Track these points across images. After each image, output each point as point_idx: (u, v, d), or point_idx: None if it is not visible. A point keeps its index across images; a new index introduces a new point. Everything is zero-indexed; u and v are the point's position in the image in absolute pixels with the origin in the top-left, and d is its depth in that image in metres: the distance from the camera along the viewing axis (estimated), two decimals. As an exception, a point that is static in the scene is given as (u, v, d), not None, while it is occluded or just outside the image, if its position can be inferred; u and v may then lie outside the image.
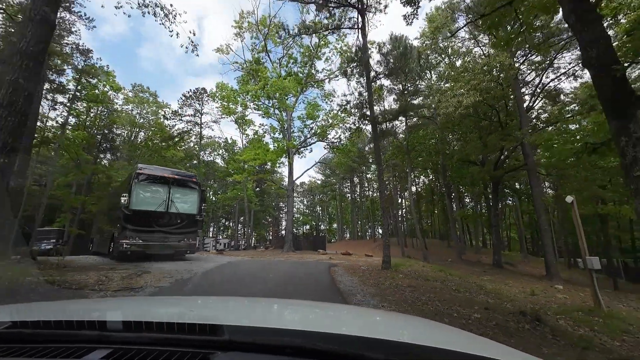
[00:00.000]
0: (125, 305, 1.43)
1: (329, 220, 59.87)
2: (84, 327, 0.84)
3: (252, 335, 0.83)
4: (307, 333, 0.91)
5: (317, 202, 56.65)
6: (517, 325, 4.06)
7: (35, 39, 3.97)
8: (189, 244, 9.84)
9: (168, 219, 9.27)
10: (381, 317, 1.71)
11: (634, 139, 3.54)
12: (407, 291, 5.92)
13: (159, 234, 9.06)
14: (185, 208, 9.82)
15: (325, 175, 47.32)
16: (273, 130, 23.18)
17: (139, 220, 8.70)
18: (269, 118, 22.02)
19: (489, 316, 4.43)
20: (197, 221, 10.24)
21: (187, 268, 7.51)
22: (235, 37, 21.03)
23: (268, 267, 9.34)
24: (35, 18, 3.97)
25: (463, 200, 40.37)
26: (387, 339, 0.86)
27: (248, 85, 21.80)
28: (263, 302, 1.87)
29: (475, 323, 4.05)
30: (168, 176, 9.69)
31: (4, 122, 3.59)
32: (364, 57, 10.48)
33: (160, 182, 9.47)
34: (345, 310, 1.84)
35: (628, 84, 3.76)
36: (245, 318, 1.23)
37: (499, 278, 14.08)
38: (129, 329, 0.83)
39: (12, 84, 3.73)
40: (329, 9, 11.21)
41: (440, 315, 4.29)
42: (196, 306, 1.44)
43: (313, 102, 21.39)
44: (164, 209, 9.27)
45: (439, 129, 18.81)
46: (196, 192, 10.28)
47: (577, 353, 3.26)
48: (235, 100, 22.59)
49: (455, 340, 1.12)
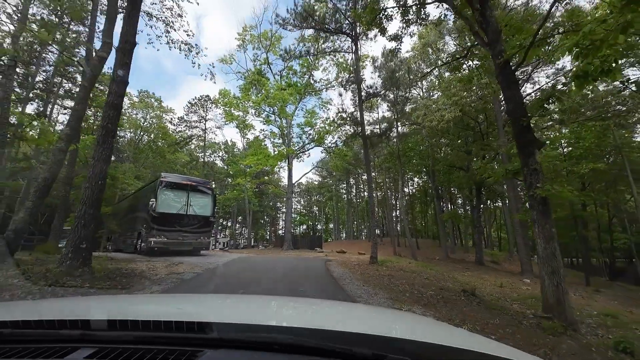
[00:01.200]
0: (110, 304, 1.40)
1: (325, 221, 61.66)
2: (66, 326, 0.82)
3: (241, 332, 0.83)
4: (296, 329, 0.94)
5: (314, 202, 58.41)
6: (456, 297, 5.82)
7: (116, 94, 5.61)
8: (204, 241, 11.52)
9: (187, 220, 10.93)
10: (370, 313, 1.71)
11: (531, 169, 5.30)
12: (385, 278, 7.66)
13: (180, 233, 10.71)
14: (201, 210, 11.47)
15: (322, 177, 49.05)
16: (273, 136, 24.87)
17: (164, 221, 10.33)
18: (270, 125, 23.66)
19: (440, 293, 6.18)
20: (211, 222, 11.93)
21: (208, 261, 9.20)
22: (239, 48, 22.67)
23: (273, 261, 11.05)
24: (117, 79, 5.59)
25: (456, 202, 42.37)
26: (375, 334, 0.91)
27: (249, 92, 23.44)
28: (252, 299, 1.90)
29: (428, 297, 5.80)
30: (187, 183, 11.35)
31: (102, 153, 5.27)
32: (357, 78, 12.19)
33: (181, 189, 11.12)
34: (334, 306, 1.84)
35: (531, 131, 5.53)
36: (234, 315, 1.23)
37: (477, 274, 15.92)
38: (114, 328, 0.82)
39: (105, 128, 5.38)
40: (326, 36, 12.92)
41: (404, 292, 6.04)
42: (184, 304, 1.43)
43: (311, 110, 23.08)
44: (184, 212, 10.93)
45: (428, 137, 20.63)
46: (210, 196, 11.94)
47: (488, 311, 5.02)
48: (237, 106, 24.22)
49: (440, 335, 1.17)
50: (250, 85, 23.61)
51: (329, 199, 52.31)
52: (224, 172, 40.35)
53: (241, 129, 28.51)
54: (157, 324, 0.83)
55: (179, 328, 0.82)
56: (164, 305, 1.37)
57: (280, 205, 53.49)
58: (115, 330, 0.82)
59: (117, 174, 24.81)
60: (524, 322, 4.45)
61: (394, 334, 0.96)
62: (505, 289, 10.94)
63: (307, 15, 10.94)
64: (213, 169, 38.74)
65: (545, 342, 3.76)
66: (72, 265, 4.75)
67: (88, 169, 5.38)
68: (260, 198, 45.34)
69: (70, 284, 4.23)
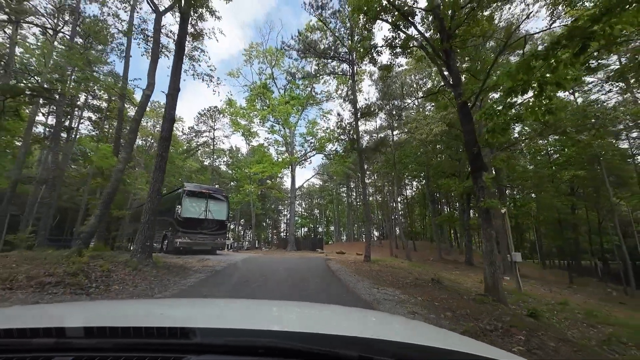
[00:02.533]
0: (87, 310, 1.37)
1: (326, 223, 63.55)
2: (39, 334, 0.79)
3: (224, 337, 0.83)
4: (281, 333, 0.95)
5: (315, 205, 60.33)
6: (425, 284, 7.67)
7: (167, 129, 7.51)
8: (221, 242, 13.42)
9: (206, 224, 12.82)
10: (357, 315, 1.72)
11: (479, 187, 7.15)
12: (374, 272, 9.51)
13: (201, 235, 12.59)
14: (218, 215, 13.36)
15: (323, 181, 50.97)
16: (277, 144, 26.84)
17: (187, 224, 12.23)
18: (274, 134, 25.63)
19: (414, 282, 8.03)
20: (226, 225, 13.82)
21: (228, 259, 11.08)
22: (245, 63, 24.67)
23: (280, 259, 12.92)
24: (167, 117, 7.51)
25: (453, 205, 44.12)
26: (361, 336, 0.91)
27: (255, 102, 25.45)
28: (235, 303, 1.93)
29: (403, 283, 7.64)
30: (205, 191, 13.26)
31: (159, 175, 7.17)
32: (354, 100, 14.10)
33: (200, 196, 13.02)
34: (320, 308, 1.86)
35: (480, 158, 7.38)
36: (217, 320, 1.23)
37: (465, 272, 17.77)
38: (91, 335, 0.80)
39: (160, 156, 7.28)
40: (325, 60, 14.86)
41: (385, 280, 7.89)
42: (166, 309, 1.42)
43: (313, 121, 25.05)
44: (204, 216, 12.82)
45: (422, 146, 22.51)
46: (225, 202, 13.85)
47: (444, 291, 6.86)
48: (243, 116, 26.22)
49: (427, 336, 1.20)
50: (255, 96, 25.62)
51: (329, 202, 54.21)
52: (229, 177, 42.33)
53: (246, 137, 30.52)
54: (138, 330, 0.81)
55: (161, 334, 0.81)
56: (145, 311, 1.35)
57: (282, 208, 55.49)
58: (92, 338, 0.80)
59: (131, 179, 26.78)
60: (464, 297, 6.30)
61: (381, 336, 0.95)
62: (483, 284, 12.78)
63: (310, 47, 12.84)
64: (219, 173, 40.70)
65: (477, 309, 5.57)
66: (141, 257, 6.62)
67: (149, 187, 7.29)
68: (263, 201, 47.27)
69: (146, 269, 6.11)
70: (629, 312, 10.85)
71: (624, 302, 13.85)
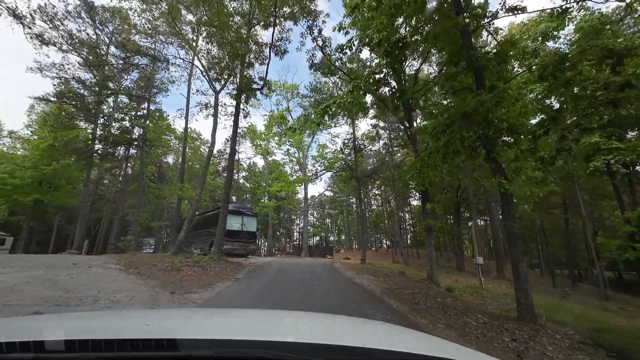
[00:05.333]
0: (68, 322, 1.34)
1: (337, 232, 67.93)
2: (16, 349, 0.77)
3: (211, 348, 0.83)
4: (269, 343, 0.96)
5: (326, 215, 64.92)
6: (394, 275, 12.07)
7: (228, 174, 12.33)
8: (252, 248, 18.17)
9: (242, 234, 17.58)
10: (346, 323, 1.74)
11: (425, 212, 11.56)
12: (363, 269, 13.95)
13: (238, 243, 17.34)
14: (250, 227, 18.13)
15: (333, 192, 55.57)
16: (291, 163, 31.78)
17: (229, 235, 16.97)
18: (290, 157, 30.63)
19: (388, 274, 12.42)
20: (256, 235, 18.59)
21: (259, 260, 15.80)
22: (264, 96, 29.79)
23: (298, 262, 17.51)
24: (227, 168, 12.33)
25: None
26: (348, 345, 0.95)
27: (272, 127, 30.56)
28: (223, 313, 1.96)
29: (379, 274, 12.05)
30: (241, 210, 18.09)
31: (226, 204, 12.00)
32: (354, 144, 18.75)
33: (237, 214, 17.83)
34: (308, 318, 1.90)
35: (427, 196, 11.81)
36: (204, 330, 1.25)
37: (453, 276, 21.81)
38: (72, 349, 0.78)
39: (226, 194, 12.09)
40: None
41: (368, 273, 12.34)
42: (152, 319, 1.42)
43: (323, 144, 29.82)
44: (240, 228, 17.61)
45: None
46: (255, 218, 18.64)
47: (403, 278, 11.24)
48: (262, 139, 31.37)
49: (413, 343, 1.24)
50: (272, 123, 30.69)
51: (340, 212, 58.66)
52: (247, 189, 47.56)
53: (264, 155, 35.63)
54: (122, 343, 0.81)
55: (147, 346, 0.80)
56: (130, 322, 1.34)
57: (295, 218, 60.31)
58: (73, 352, 0.78)
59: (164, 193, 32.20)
60: (411, 280, 10.72)
61: (368, 345, 0.96)
62: (458, 282, 16.94)
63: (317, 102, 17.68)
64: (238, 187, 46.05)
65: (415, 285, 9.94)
66: (218, 255, 11.36)
67: (219, 218, 12.12)
68: (277, 212, 52.26)
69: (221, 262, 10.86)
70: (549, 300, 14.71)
71: (566, 297, 17.52)
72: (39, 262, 8.00)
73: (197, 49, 14.87)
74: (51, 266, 7.45)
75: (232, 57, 12.15)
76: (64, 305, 4.35)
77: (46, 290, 5.01)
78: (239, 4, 12.82)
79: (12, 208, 23.22)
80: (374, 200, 55.22)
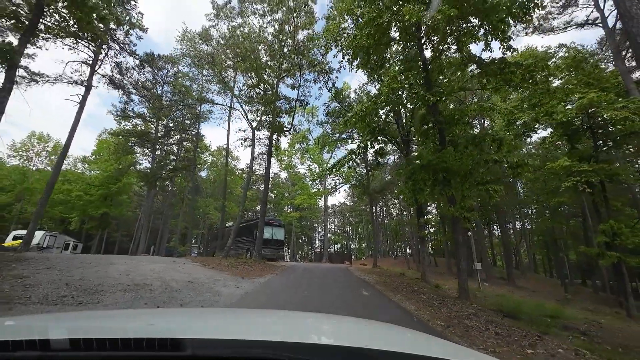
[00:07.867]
0: (73, 321, 1.38)
1: (358, 240, 71.08)
2: (22, 347, 0.80)
3: (215, 348, 0.86)
4: (271, 343, 0.99)
5: (347, 223, 68.38)
6: (395, 276, 15.53)
7: (263, 206, 16.48)
8: (281, 253, 22.25)
9: (273, 242, 21.66)
10: (352, 324, 1.78)
11: (420, 225, 14.98)
12: (372, 272, 17.48)
13: (269, 249, 21.40)
14: (279, 236, 22.21)
15: (353, 201, 59.03)
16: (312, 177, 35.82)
17: (264, 242, 21.12)
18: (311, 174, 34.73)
19: (389, 275, 15.89)
20: (284, 243, 22.69)
21: (288, 264, 19.77)
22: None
23: (319, 266, 21.33)
24: (262, 200, 16.45)
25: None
26: (351, 346, 0.97)
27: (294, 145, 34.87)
28: (227, 313, 2.01)
29: (383, 275, 15.56)
30: (273, 222, 22.24)
31: (262, 224, 16.11)
32: (366, 160, 22.40)
33: (269, 225, 21.93)
34: (312, 318, 1.93)
35: (423, 210, 15.23)
36: (209, 330, 1.29)
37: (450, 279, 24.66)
38: (77, 348, 0.81)
39: (261, 211, 16.20)
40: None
41: (374, 274, 15.89)
42: (156, 319, 1.46)
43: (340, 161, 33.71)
44: (271, 237, 21.70)
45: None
46: (283, 228, 22.78)
47: (402, 279, 14.69)
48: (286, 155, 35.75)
49: (411, 344, 1.29)
50: (295, 142, 34.95)
51: (359, 220, 61.94)
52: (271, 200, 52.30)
53: (287, 169, 40.04)
54: (127, 342, 0.83)
55: (151, 346, 0.82)
56: (134, 321, 1.38)
57: (316, 225, 64.24)
58: (78, 350, 0.81)
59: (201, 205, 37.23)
60: (406, 278, 14.18)
61: (370, 345, 0.98)
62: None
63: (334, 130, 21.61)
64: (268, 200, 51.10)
65: (409, 282, 13.37)
66: (259, 258, 15.42)
67: (258, 231, 16.21)
68: (299, 222, 56.49)
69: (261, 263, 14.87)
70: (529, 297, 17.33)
71: (559, 300, 19.93)
72: (147, 260, 12.33)
73: (235, 91, 19.49)
74: (159, 262, 11.72)
75: (262, 103, 16.39)
76: (197, 282, 8.38)
77: (178, 274, 9.10)
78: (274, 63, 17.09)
79: (82, 218, 29.06)
80: (393, 209, 58.04)
